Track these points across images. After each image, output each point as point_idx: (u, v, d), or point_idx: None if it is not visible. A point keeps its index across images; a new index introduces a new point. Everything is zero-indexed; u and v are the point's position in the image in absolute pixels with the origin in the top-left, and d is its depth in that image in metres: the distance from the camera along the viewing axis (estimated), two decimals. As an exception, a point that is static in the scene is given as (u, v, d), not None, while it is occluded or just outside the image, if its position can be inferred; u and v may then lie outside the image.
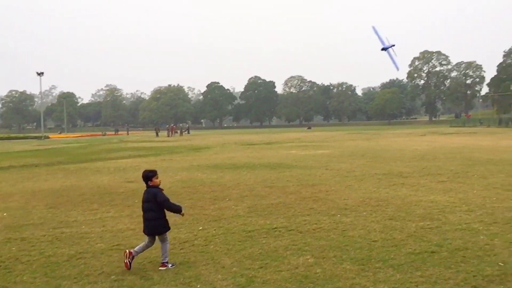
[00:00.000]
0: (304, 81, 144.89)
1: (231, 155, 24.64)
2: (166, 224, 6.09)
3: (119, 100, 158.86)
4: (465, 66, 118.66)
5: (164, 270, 5.82)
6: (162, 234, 6.05)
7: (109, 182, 14.68)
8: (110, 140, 56.91)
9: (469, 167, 15.63)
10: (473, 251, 6.19)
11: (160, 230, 6.04)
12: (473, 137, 38.60)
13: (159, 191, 6.04)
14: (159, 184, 6.17)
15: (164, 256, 5.99)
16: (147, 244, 6.08)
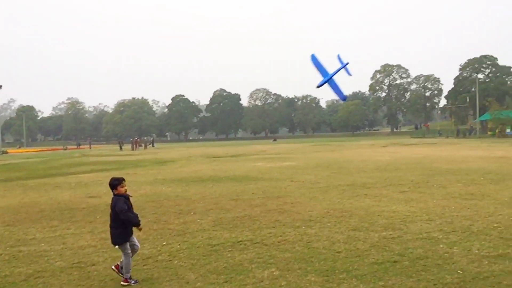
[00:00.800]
0: (269, 93, 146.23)
1: (197, 168, 24.46)
2: (122, 235, 5.89)
3: (81, 113, 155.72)
4: (424, 79, 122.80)
5: (126, 286, 5.69)
6: (119, 245, 5.90)
7: (70, 197, 14.28)
8: (71, 154, 55.49)
9: (429, 177, 16.08)
10: (433, 260, 6.34)
11: (116, 240, 5.90)
12: (433, 147, 39.77)
13: (119, 200, 5.89)
14: (124, 192, 6.02)
15: (125, 270, 5.84)
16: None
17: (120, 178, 6.05)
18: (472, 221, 8.70)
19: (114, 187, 5.97)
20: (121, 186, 5.97)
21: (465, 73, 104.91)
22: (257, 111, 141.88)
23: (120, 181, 5.99)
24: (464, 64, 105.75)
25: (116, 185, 5.96)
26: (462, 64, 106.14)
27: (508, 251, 6.65)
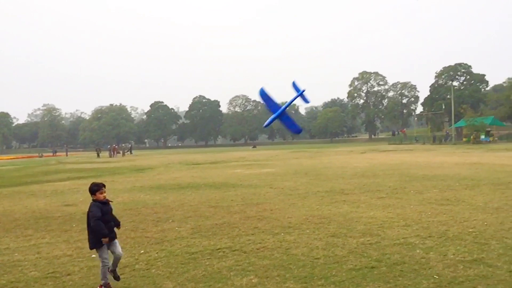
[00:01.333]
0: (248, 100, 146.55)
1: (175, 175, 24.28)
2: (93, 240, 5.86)
3: (58, 120, 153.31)
4: (400, 86, 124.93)
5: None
6: (95, 249, 5.88)
7: (45, 206, 13.99)
8: (47, 161, 54.47)
9: (406, 183, 16.29)
10: (410, 265, 6.42)
11: (92, 244, 5.90)
12: (410, 154, 40.35)
13: (94, 206, 5.86)
14: (103, 199, 5.93)
15: (101, 276, 5.80)
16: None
17: (100, 184, 5.98)
18: (447, 226, 8.85)
19: (93, 192, 5.92)
20: (100, 193, 5.91)
21: (441, 81, 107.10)
22: (236, 118, 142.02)
23: (99, 187, 5.93)
24: (439, 72, 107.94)
25: (95, 191, 5.90)
26: (438, 72, 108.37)
27: (483, 255, 6.78)
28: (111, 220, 6.00)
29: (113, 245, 5.96)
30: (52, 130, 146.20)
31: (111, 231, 5.95)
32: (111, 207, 6.10)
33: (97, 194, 5.90)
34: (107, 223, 5.91)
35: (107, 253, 5.89)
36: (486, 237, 7.88)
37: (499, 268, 6.16)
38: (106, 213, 5.92)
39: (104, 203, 5.94)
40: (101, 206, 5.90)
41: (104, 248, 5.87)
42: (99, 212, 5.82)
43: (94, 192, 5.91)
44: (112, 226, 5.98)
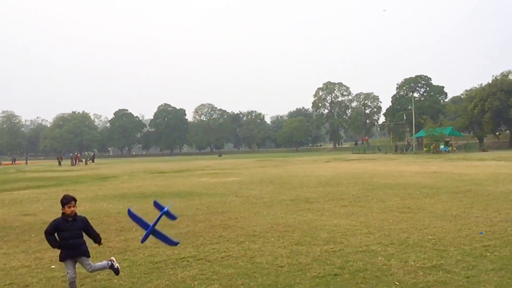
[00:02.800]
0: (214, 109, 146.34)
1: (140, 184, 23.93)
2: (61, 253, 5.77)
3: (17, 128, 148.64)
4: (364, 97, 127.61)
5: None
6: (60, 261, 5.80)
7: (2, 215, 13.50)
8: (6, 170, 52.60)
9: (369, 192, 16.61)
10: (372, 272, 6.54)
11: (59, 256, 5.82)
12: (373, 163, 41.16)
13: (53, 221, 5.81)
14: (70, 213, 5.76)
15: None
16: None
17: (69, 197, 5.81)
18: (408, 234, 9.07)
19: (62, 205, 5.79)
20: (68, 206, 5.75)
21: (402, 92, 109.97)
22: (202, 127, 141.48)
23: (68, 200, 5.78)
24: (401, 83, 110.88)
25: (63, 204, 5.77)
26: (399, 83, 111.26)
27: (442, 261, 6.98)
28: (72, 237, 5.73)
29: (81, 262, 5.82)
30: (11, 138, 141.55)
31: (73, 248, 5.74)
32: (81, 224, 5.85)
33: (65, 207, 5.75)
34: (67, 240, 5.71)
35: (70, 267, 5.74)
36: (445, 244, 8.12)
37: (457, 273, 6.35)
38: (65, 229, 5.71)
39: (67, 219, 5.76)
40: (59, 222, 5.75)
41: (67, 263, 5.74)
42: (52, 228, 5.74)
43: (63, 205, 5.77)
44: (74, 244, 5.74)
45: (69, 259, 5.76)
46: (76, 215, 5.85)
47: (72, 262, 5.78)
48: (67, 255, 5.74)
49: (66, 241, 5.73)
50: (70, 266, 5.74)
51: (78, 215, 5.90)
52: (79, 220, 5.86)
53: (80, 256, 5.80)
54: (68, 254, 5.74)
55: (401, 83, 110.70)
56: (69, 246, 5.73)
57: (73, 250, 5.75)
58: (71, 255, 5.75)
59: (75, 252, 5.75)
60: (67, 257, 5.75)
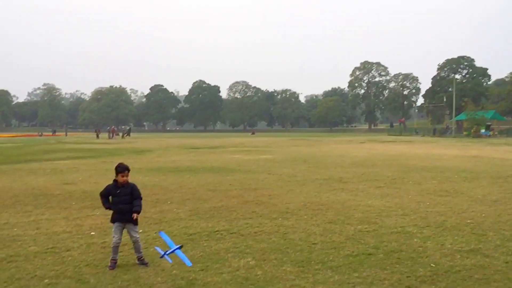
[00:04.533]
0: (248, 86, 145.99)
1: (174, 159, 24.32)
2: (112, 215, 6.04)
3: (58, 100, 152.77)
4: (402, 78, 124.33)
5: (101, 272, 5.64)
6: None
7: (45, 183, 14.02)
8: (47, 141, 54.46)
9: (405, 174, 16.33)
10: (407, 253, 6.45)
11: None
12: (409, 145, 40.38)
13: (107, 185, 6.07)
14: (122, 182, 5.96)
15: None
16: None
17: (124, 167, 6.01)
18: (446, 217, 8.88)
19: (116, 172, 6.01)
20: (121, 175, 5.96)
21: (443, 73, 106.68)
22: (236, 104, 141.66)
23: (122, 169, 5.98)
24: (442, 64, 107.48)
25: (117, 172, 5.99)
26: (440, 64, 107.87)
27: (480, 246, 6.81)
28: (121, 202, 5.95)
29: (128, 228, 6.02)
30: (52, 110, 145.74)
31: (121, 213, 5.96)
32: (129, 190, 6.03)
33: (118, 176, 5.98)
34: (116, 205, 5.96)
35: (117, 232, 5.97)
36: (483, 228, 7.91)
37: (496, 258, 6.19)
38: (116, 195, 5.97)
39: (119, 186, 5.98)
40: (111, 187, 6.01)
41: (116, 227, 5.99)
42: (105, 191, 6.04)
43: (116, 173, 6.01)
44: (123, 209, 5.95)
45: (118, 222, 5.99)
46: (127, 183, 6.04)
47: (120, 227, 5.99)
48: (117, 218, 6.00)
49: (116, 205, 5.99)
50: (117, 230, 5.98)
51: (129, 182, 6.10)
52: (128, 187, 6.06)
53: (129, 223, 5.99)
54: (117, 217, 6.00)
55: (442, 64, 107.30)
56: (119, 210, 5.98)
57: (122, 214, 5.96)
58: (120, 219, 5.99)
59: (124, 217, 5.96)
60: (116, 220, 6.00)
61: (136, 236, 6.01)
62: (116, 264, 5.89)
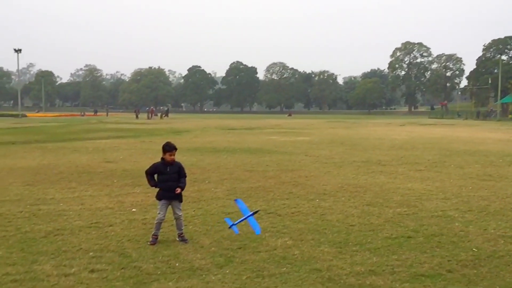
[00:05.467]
0: (286, 68, 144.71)
1: (211, 139, 24.58)
2: (158, 193, 6.17)
3: (99, 81, 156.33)
4: (445, 59, 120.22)
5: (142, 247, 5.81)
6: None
7: (87, 161, 14.49)
8: (89, 120, 56.08)
9: (447, 157, 15.92)
10: (448, 237, 6.33)
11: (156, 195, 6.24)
12: (451, 128, 39.26)
13: (154, 164, 6.24)
14: (169, 160, 6.12)
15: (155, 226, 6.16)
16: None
17: (172, 146, 6.16)
18: (489, 202, 8.63)
19: (163, 151, 6.16)
20: (170, 154, 6.12)
21: (489, 54, 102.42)
22: (273, 85, 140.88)
23: (171, 148, 6.14)
24: (488, 44, 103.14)
25: (165, 151, 6.13)
26: (486, 44, 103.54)
27: (525, 232, 6.59)
28: (169, 180, 6.11)
29: (173, 205, 6.16)
30: (93, 90, 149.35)
31: (169, 190, 6.10)
32: (177, 168, 6.20)
33: (166, 155, 6.12)
34: (165, 182, 6.10)
35: (162, 209, 6.11)
36: (529, 214, 7.65)
37: (541, 245, 5.99)
38: (164, 173, 6.10)
39: (167, 164, 6.12)
40: (159, 165, 6.15)
41: (160, 203, 6.12)
42: (152, 169, 6.17)
43: (164, 152, 6.13)
44: (171, 187, 6.10)
45: (165, 200, 6.14)
46: (174, 161, 6.19)
47: (166, 204, 6.14)
48: (163, 195, 6.14)
49: (164, 183, 6.12)
50: (163, 207, 6.13)
51: (175, 161, 6.24)
52: (176, 165, 6.21)
53: (175, 200, 6.14)
54: (164, 195, 6.13)
55: (488, 45, 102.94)
56: (166, 188, 6.11)
57: (170, 192, 6.10)
58: (167, 197, 6.13)
59: (171, 194, 6.11)
60: (163, 198, 6.14)
61: (179, 214, 6.16)
62: (157, 240, 6.05)
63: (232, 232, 6.50)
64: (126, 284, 4.64)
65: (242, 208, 6.08)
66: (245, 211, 5.98)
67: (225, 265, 5.22)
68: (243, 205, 6.12)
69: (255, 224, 5.82)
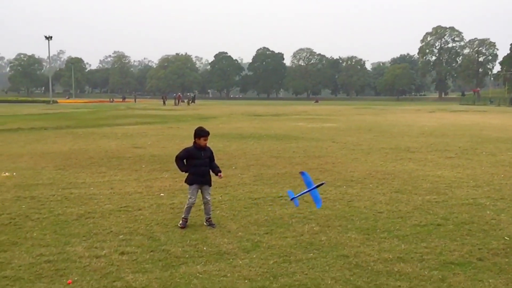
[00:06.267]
0: (313, 54, 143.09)
1: (238, 125, 24.63)
2: (189, 177, 6.17)
3: (127, 68, 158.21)
4: (478, 43, 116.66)
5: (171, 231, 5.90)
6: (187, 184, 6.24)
7: (116, 147, 14.75)
8: (117, 107, 56.96)
9: (478, 144, 15.55)
10: (479, 225, 6.20)
11: (185, 180, 6.25)
12: (483, 115, 38.26)
13: (186, 148, 6.27)
14: (202, 145, 6.16)
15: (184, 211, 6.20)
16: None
17: (206, 132, 6.20)
18: (522, 190, 8.40)
19: (196, 136, 6.16)
20: (204, 139, 6.15)
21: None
22: (299, 71, 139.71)
23: (205, 133, 6.17)
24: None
25: (200, 136, 6.13)
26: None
27: (560, 221, 6.40)
28: (202, 165, 6.16)
29: (203, 189, 6.21)
30: (121, 77, 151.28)
31: (202, 175, 6.15)
32: (209, 153, 6.26)
33: (200, 139, 6.13)
34: (198, 167, 6.12)
35: (194, 193, 6.15)
36: None
37: None
38: (198, 157, 6.13)
39: (200, 149, 6.15)
40: (192, 150, 6.16)
41: (192, 188, 6.15)
42: (184, 154, 6.17)
43: (199, 137, 6.14)
44: (204, 171, 6.16)
45: (196, 184, 6.17)
46: (206, 146, 6.24)
47: (197, 188, 6.19)
48: (196, 180, 6.16)
49: (197, 168, 6.14)
50: (194, 192, 6.17)
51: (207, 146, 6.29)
52: (208, 150, 6.26)
53: (205, 184, 6.20)
54: (196, 179, 6.16)
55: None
56: (200, 172, 6.15)
57: (202, 177, 6.16)
58: (198, 181, 6.17)
59: (203, 179, 6.17)
60: (195, 182, 6.17)
61: (208, 198, 6.22)
62: (187, 223, 6.12)
63: (259, 218, 6.55)
64: (155, 266, 4.72)
65: (306, 181, 6.04)
66: (309, 184, 5.97)
67: (252, 250, 5.25)
68: (308, 178, 6.06)
69: (318, 197, 5.85)
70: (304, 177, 6.13)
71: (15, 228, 6.01)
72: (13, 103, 68.05)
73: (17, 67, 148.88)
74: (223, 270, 4.62)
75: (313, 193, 5.86)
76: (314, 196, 5.86)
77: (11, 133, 19.68)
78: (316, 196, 5.84)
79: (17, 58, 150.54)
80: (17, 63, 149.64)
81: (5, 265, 4.72)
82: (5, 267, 4.67)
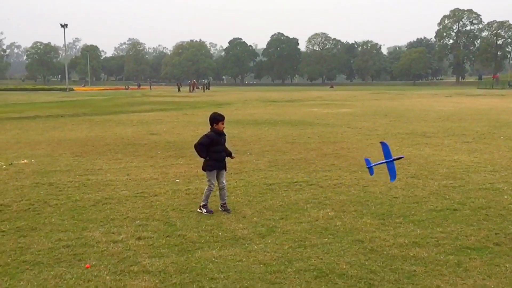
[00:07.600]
0: (328, 39, 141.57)
1: (253, 112, 24.61)
2: (209, 164, 6.17)
3: (142, 55, 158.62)
4: (497, 26, 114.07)
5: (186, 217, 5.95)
6: (204, 171, 6.26)
7: (132, 134, 14.88)
8: (133, 94, 57.32)
9: (496, 129, 15.31)
10: (496, 210, 6.13)
11: (203, 167, 6.26)
12: (501, 99, 37.59)
13: (207, 134, 6.22)
14: (221, 130, 6.21)
15: (203, 197, 6.21)
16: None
17: (223, 116, 6.25)
18: (541, 175, 8.27)
19: (214, 122, 6.19)
20: (222, 123, 6.21)
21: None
22: (314, 57, 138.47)
23: (223, 118, 6.24)
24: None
25: (218, 121, 6.18)
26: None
27: None
28: (223, 150, 6.26)
29: (220, 174, 6.26)
30: (136, 64, 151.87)
31: (221, 160, 6.22)
32: (225, 139, 6.36)
33: (219, 124, 6.18)
34: (220, 153, 6.19)
35: (215, 178, 6.21)
36: None
37: None
38: (218, 143, 6.18)
39: (220, 134, 6.21)
40: (215, 136, 6.18)
41: (212, 174, 6.19)
42: (208, 140, 6.14)
43: (217, 122, 6.18)
44: (223, 156, 6.24)
45: (216, 170, 6.22)
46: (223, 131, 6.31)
47: (216, 173, 6.23)
48: (216, 166, 6.20)
49: (219, 153, 6.20)
50: (215, 177, 6.23)
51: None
52: (224, 135, 6.36)
53: (223, 169, 6.28)
54: (217, 165, 6.20)
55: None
56: (220, 158, 6.22)
57: (221, 162, 6.23)
58: (219, 167, 6.23)
59: (222, 164, 6.25)
60: (215, 168, 6.21)
61: (224, 183, 6.27)
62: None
63: (274, 203, 6.57)
64: (171, 251, 4.78)
65: (385, 152, 5.96)
66: (387, 156, 5.93)
67: (267, 235, 5.28)
68: (388, 149, 5.99)
69: (393, 170, 5.84)
70: (384, 147, 6.05)
71: (34, 214, 6.13)
72: (30, 91, 68.93)
73: (34, 55, 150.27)
74: (238, 255, 4.65)
75: (390, 165, 5.81)
76: (391, 168, 5.81)
77: (29, 120, 19.97)
78: (393, 169, 5.80)
79: (33, 46, 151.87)
80: (33, 52, 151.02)
81: (24, 249, 4.83)
82: (25, 251, 4.78)
